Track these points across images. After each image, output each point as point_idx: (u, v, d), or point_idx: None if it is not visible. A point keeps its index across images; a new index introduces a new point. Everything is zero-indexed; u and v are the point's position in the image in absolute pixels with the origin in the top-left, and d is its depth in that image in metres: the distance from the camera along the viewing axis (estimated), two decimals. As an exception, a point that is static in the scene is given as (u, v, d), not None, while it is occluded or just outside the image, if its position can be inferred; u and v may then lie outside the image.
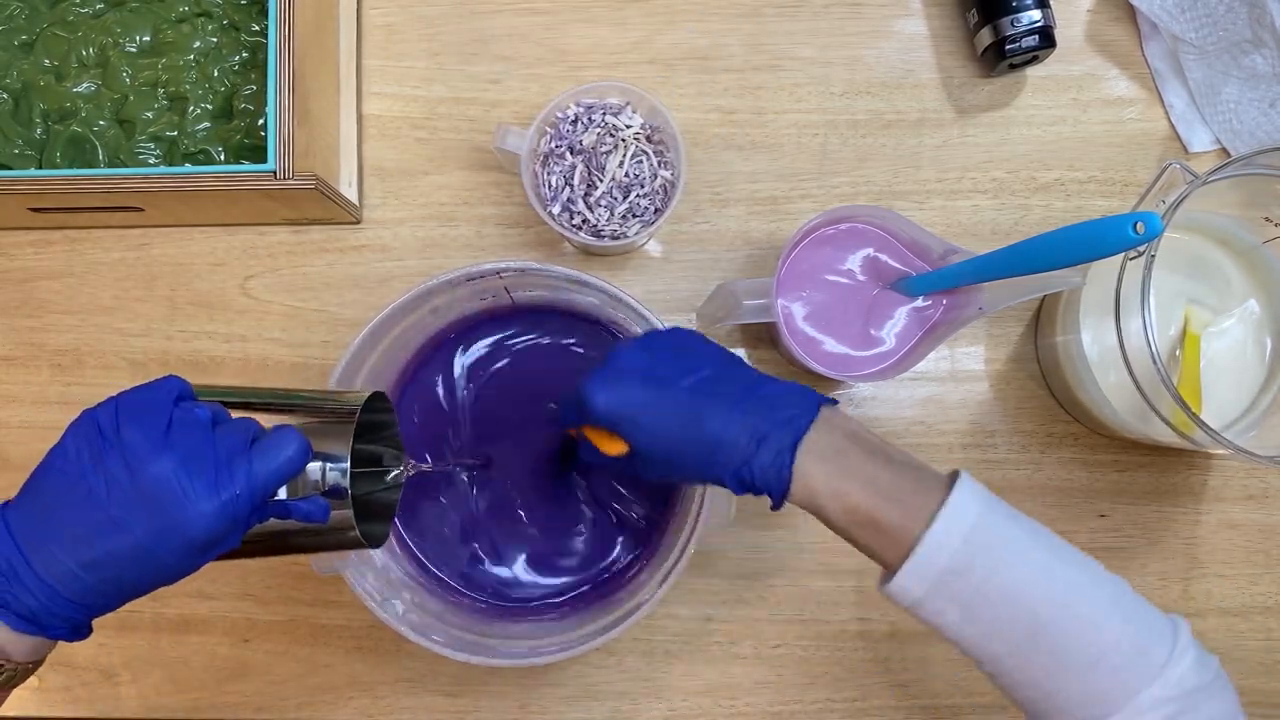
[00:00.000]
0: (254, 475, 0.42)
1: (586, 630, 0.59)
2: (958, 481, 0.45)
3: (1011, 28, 0.69)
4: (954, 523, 0.44)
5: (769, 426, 0.47)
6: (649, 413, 0.49)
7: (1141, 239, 0.49)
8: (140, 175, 0.64)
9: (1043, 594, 0.43)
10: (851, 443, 0.47)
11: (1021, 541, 0.45)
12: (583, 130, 0.66)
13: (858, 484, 0.46)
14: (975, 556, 0.44)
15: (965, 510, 0.44)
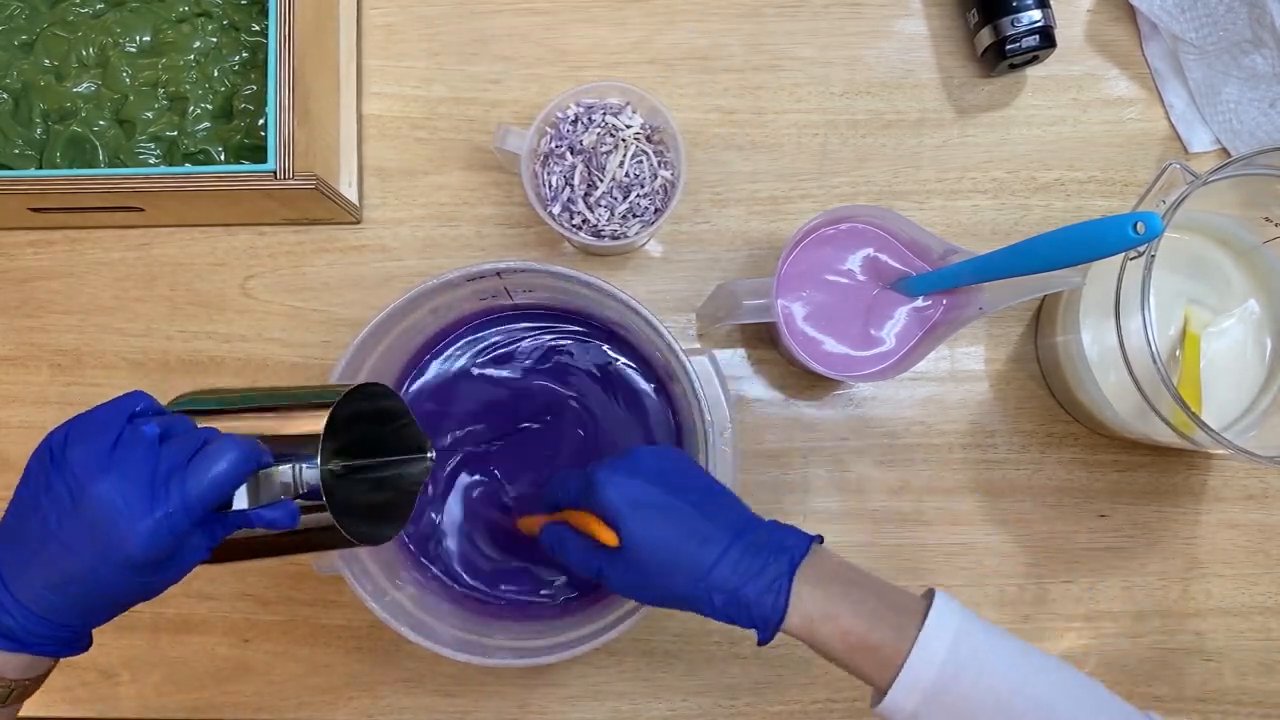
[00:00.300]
0: (186, 491, 0.41)
1: (586, 630, 0.59)
2: (935, 599, 0.48)
3: (1011, 28, 0.69)
4: (937, 637, 0.46)
5: (770, 552, 0.49)
6: (659, 516, 0.49)
7: (1141, 239, 0.49)
8: (140, 175, 0.64)
9: (1027, 699, 0.46)
10: (839, 570, 0.49)
11: (999, 651, 0.47)
12: (583, 130, 0.66)
13: (849, 609, 0.48)
14: (960, 668, 0.46)
15: (943, 627, 0.47)
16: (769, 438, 0.71)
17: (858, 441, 0.71)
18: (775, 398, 0.72)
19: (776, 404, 0.71)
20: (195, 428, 0.45)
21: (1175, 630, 0.70)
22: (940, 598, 0.48)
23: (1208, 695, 0.70)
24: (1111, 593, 0.70)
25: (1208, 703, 0.70)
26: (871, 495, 0.71)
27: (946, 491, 0.71)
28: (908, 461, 0.71)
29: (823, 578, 0.49)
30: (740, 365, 0.72)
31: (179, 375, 0.72)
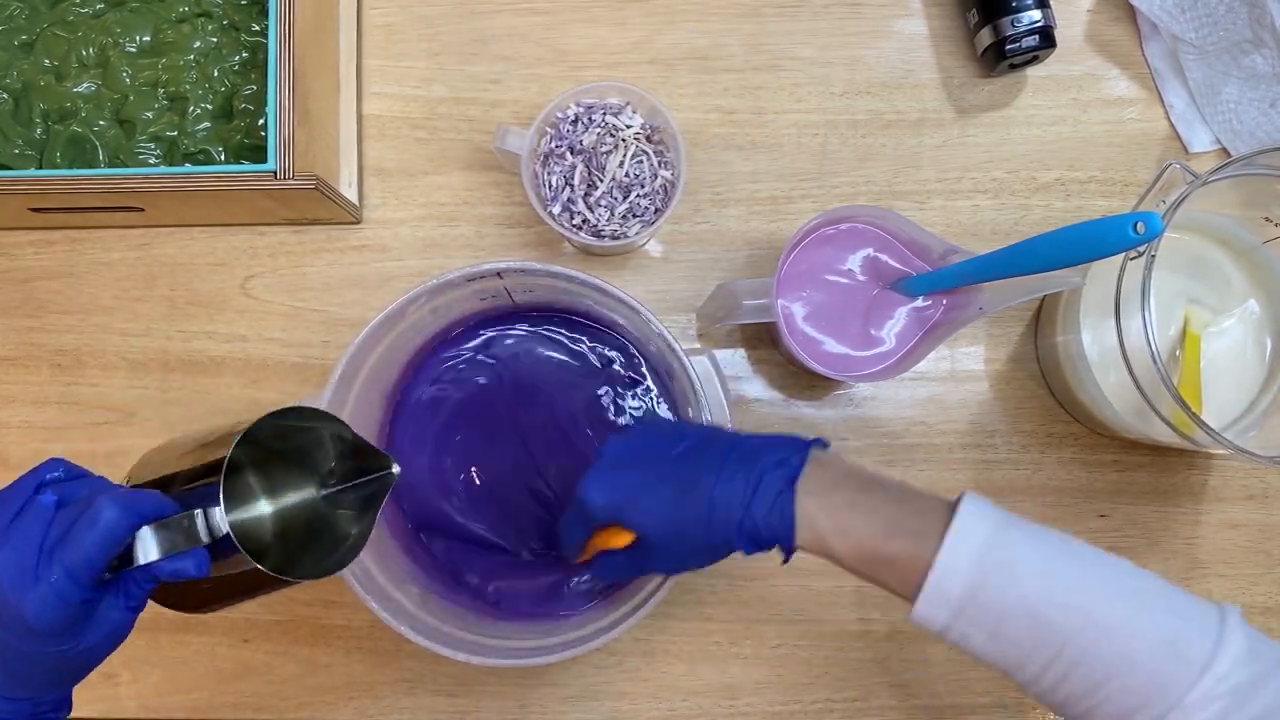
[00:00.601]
0: (65, 558, 0.41)
1: (586, 630, 0.59)
2: (961, 502, 0.45)
3: (1011, 28, 0.69)
4: (962, 546, 0.43)
5: (762, 472, 0.47)
6: (644, 491, 0.49)
7: (1141, 239, 0.49)
8: (140, 175, 0.64)
9: (1063, 606, 0.42)
10: (848, 478, 0.47)
11: (1034, 555, 0.43)
12: (583, 130, 0.66)
13: (862, 518, 0.45)
14: (989, 577, 0.43)
15: (972, 532, 0.43)
16: (769, 438, 0.71)
17: (858, 442, 0.71)
18: (775, 398, 0.72)
19: (776, 404, 0.71)
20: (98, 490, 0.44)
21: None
22: (968, 501, 0.45)
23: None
24: (1111, 593, 0.70)
25: (1208, 703, 0.70)
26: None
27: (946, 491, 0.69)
28: (908, 461, 0.71)
29: (830, 486, 0.46)
30: (740, 365, 0.72)
31: (179, 375, 0.72)
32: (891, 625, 0.70)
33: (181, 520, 0.44)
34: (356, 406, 0.61)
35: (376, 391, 0.64)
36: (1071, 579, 0.43)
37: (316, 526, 0.53)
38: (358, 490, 0.53)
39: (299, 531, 0.53)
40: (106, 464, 0.71)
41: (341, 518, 0.53)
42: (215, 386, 0.71)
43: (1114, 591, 0.43)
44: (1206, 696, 0.40)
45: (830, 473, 0.47)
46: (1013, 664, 0.43)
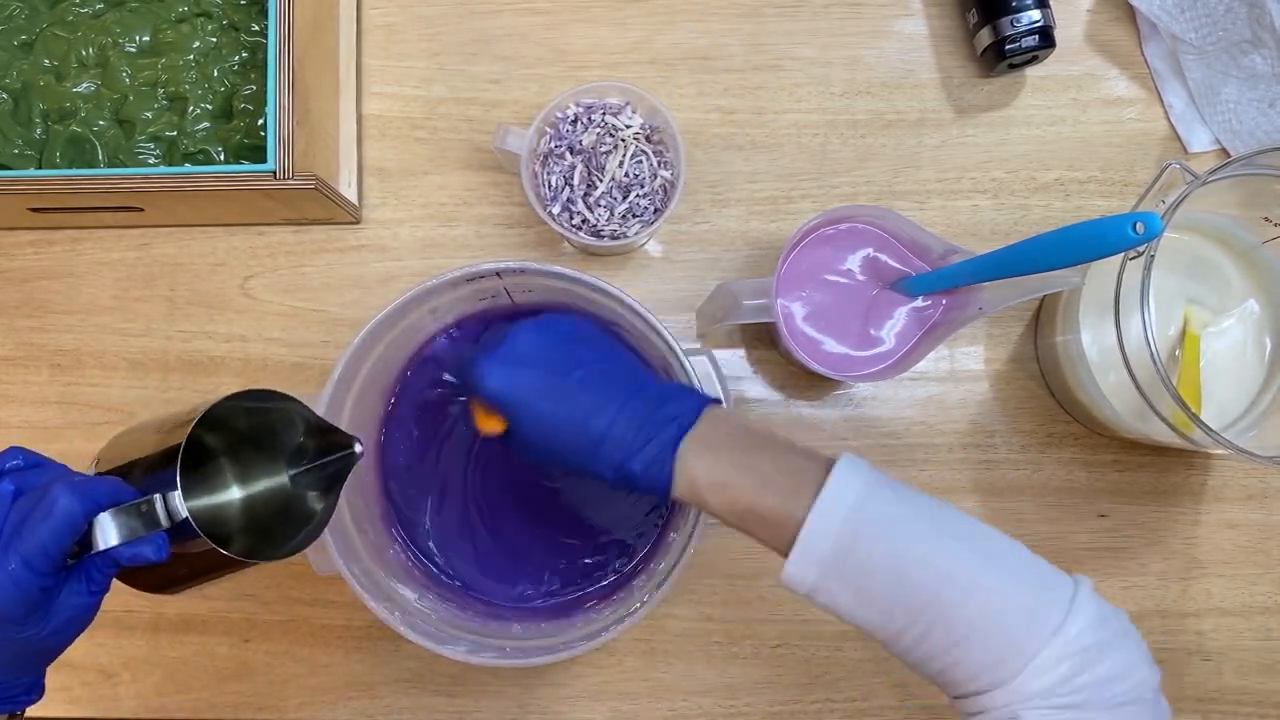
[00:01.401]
0: (21, 547, 0.42)
1: (586, 630, 0.59)
2: (836, 464, 0.46)
3: (1011, 28, 0.69)
4: (832, 505, 0.44)
5: (654, 423, 0.48)
6: (536, 401, 0.49)
7: (1141, 239, 0.49)
8: (140, 175, 0.64)
9: (928, 567, 0.44)
10: (734, 436, 0.48)
11: (905, 518, 0.45)
12: (583, 130, 0.66)
13: (739, 475, 0.46)
14: (858, 535, 0.44)
15: (843, 492, 0.44)
16: (769, 438, 0.71)
17: (858, 441, 0.71)
18: (775, 398, 0.72)
19: (776, 404, 0.71)
20: (57, 477, 0.44)
21: (1175, 630, 0.70)
22: (844, 462, 0.46)
23: (1208, 695, 0.70)
24: (1111, 593, 0.70)
25: (1208, 703, 0.70)
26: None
27: (946, 491, 0.71)
28: (908, 461, 0.71)
29: (714, 445, 0.47)
30: (740, 365, 0.72)
31: (179, 375, 0.72)
32: (891, 625, 0.70)
33: (140, 505, 0.45)
34: (356, 406, 0.61)
35: (376, 391, 0.64)
36: (938, 541, 0.44)
37: (282, 507, 0.54)
38: (322, 470, 0.53)
39: (265, 513, 0.54)
40: (106, 464, 0.71)
41: (307, 498, 0.54)
42: (215, 386, 0.71)
43: (978, 556, 0.44)
44: (1055, 657, 0.42)
45: (719, 430, 0.48)
46: (876, 623, 0.45)
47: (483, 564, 0.66)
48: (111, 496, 0.44)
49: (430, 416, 0.67)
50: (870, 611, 0.45)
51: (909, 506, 0.45)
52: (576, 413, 0.49)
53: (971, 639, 0.43)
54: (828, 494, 0.44)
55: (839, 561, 0.44)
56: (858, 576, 0.44)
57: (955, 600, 0.43)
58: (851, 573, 0.44)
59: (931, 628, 0.44)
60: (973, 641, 0.43)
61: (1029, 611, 0.43)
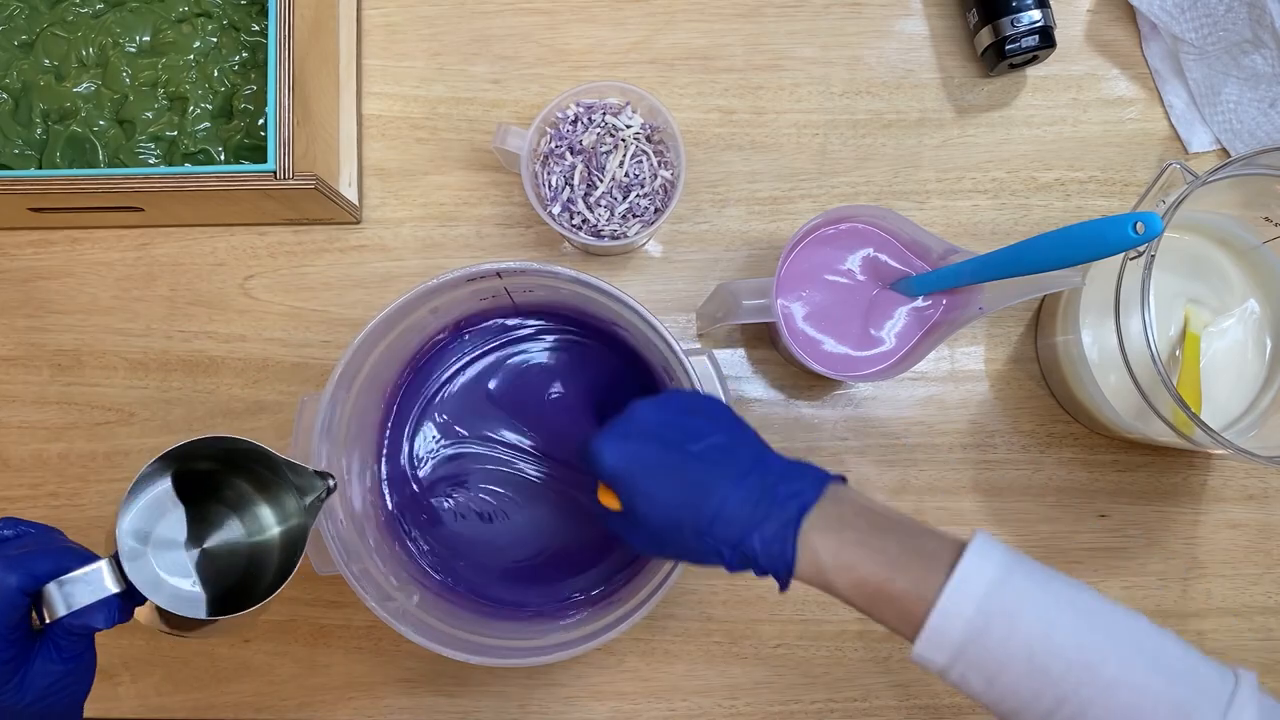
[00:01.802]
0: None
1: (586, 630, 0.59)
2: (970, 544, 0.44)
3: (1011, 28, 0.69)
4: (966, 589, 0.42)
5: (775, 499, 0.46)
6: (649, 475, 0.48)
7: (1141, 239, 0.49)
8: (140, 175, 0.64)
9: (1065, 660, 0.41)
10: (860, 515, 0.46)
11: (1041, 604, 0.42)
12: (583, 130, 0.66)
13: (867, 555, 0.45)
14: (991, 623, 0.42)
15: (978, 575, 0.43)
16: (769, 438, 0.70)
17: (858, 441, 0.71)
18: (775, 398, 0.72)
19: (776, 404, 0.71)
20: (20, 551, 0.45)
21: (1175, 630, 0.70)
22: (978, 541, 0.44)
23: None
24: (1111, 593, 0.70)
25: (1208, 703, 0.70)
26: (872, 495, 0.70)
27: (946, 491, 0.71)
28: (908, 461, 0.71)
29: (839, 523, 0.45)
30: (740, 365, 0.72)
31: (179, 375, 0.72)
32: (891, 625, 0.70)
33: (85, 574, 0.45)
34: (356, 406, 0.61)
35: (376, 391, 0.64)
36: (1077, 632, 0.42)
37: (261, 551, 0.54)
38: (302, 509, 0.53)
39: (241, 561, 0.54)
40: (106, 464, 0.72)
41: (283, 539, 0.54)
42: (215, 386, 0.71)
43: (1122, 648, 0.42)
44: None
45: (843, 508, 0.46)
46: (1010, 710, 0.43)
47: (483, 564, 0.66)
48: (53, 567, 0.45)
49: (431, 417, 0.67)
50: (1005, 699, 0.42)
51: (1046, 591, 0.43)
52: (692, 488, 0.47)
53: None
54: (959, 576, 0.42)
55: (971, 647, 0.42)
56: (991, 663, 0.42)
57: (1093, 697, 0.41)
58: (984, 659, 0.42)
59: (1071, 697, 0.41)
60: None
61: (1178, 713, 0.40)
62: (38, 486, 0.71)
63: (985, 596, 0.42)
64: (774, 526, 0.46)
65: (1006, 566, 0.43)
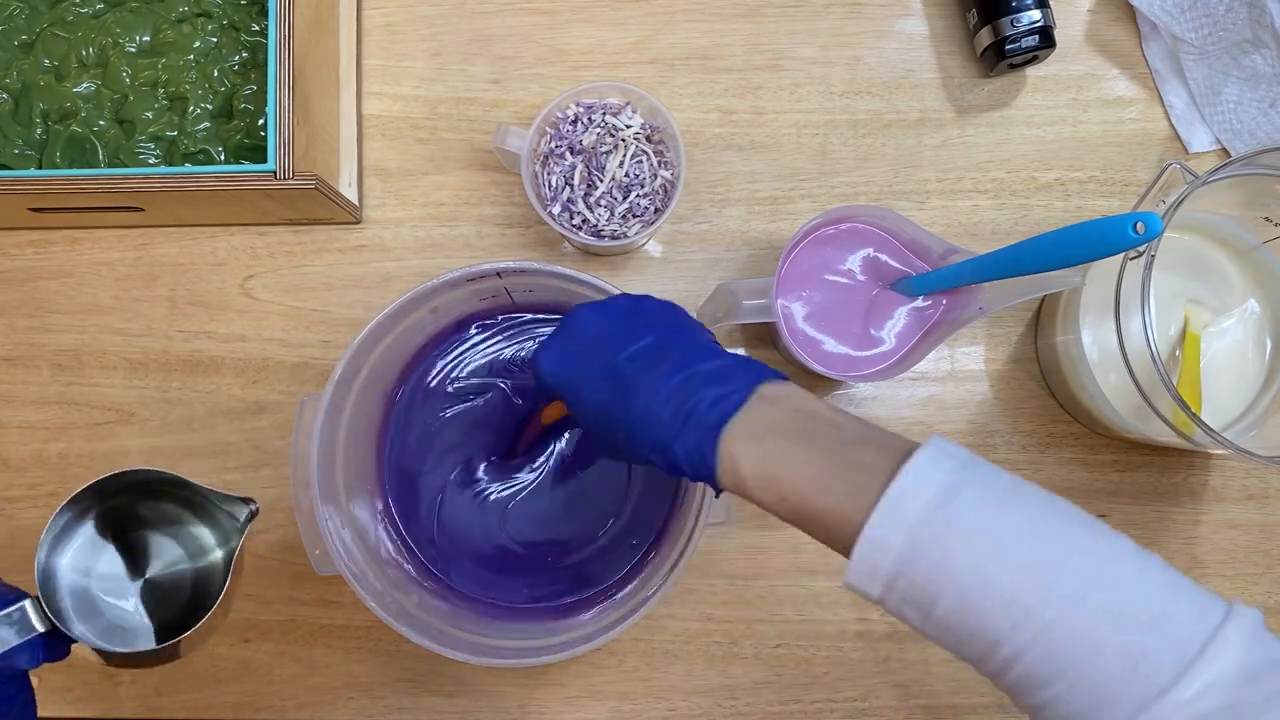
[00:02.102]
0: None
1: (586, 630, 0.59)
2: (913, 457, 0.38)
3: (1011, 28, 0.69)
4: (898, 513, 0.37)
5: (698, 405, 0.42)
6: (583, 381, 0.46)
7: (1141, 239, 0.49)
8: (140, 175, 0.64)
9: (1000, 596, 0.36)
10: (793, 420, 0.41)
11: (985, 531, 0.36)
12: (583, 130, 0.66)
13: (791, 467, 0.40)
14: (921, 554, 0.36)
15: (914, 497, 0.37)
16: (769, 438, 0.71)
17: (858, 441, 0.71)
18: (775, 398, 0.71)
19: (776, 404, 0.71)
20: None
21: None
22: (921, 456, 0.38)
23: None
24: (1111, 593, 0.70)
25: (1208, 703, 0.70)
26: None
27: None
28: (908, 461, 0.71)
29: (766, 429, 0.41)
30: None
31: (179, 375, 0.72)
32: (891, 625, 0.70)
33: (10, 614, 0.47)
34: (356, 406, 0.61)
35: (376, 391, 0.64)
36: (1019, 566, 0.36)
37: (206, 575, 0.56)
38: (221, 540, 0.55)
39: (187, 586, 0.55)
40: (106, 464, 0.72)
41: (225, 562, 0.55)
42: (215, 386, 0.72)
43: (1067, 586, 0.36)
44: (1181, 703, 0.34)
45: (774, 411, 0.42)
46: (950, 648, 0.38)
47: (483, 564, 0.66)
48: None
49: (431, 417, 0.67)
50: (943, 638, 0.38)
51: (994, 518, 0.37)
52: (620, 394, 0.44)
53: (1057, 684, 0.35)
54: (891, 496, 0.37)
55: (901, 581, 0.37)
56: (922, 600, 0.37)
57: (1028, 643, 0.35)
58: (915, 595, 0.37)
59: (1009, 666, 0.36)
60: (1060, 688, 0.35)
61: (1124, 659, 0.34)
62: (37, 486, 0.71)
63: (918, 523, 0.36)
64: (693, 435, 0.42)
65: (949, 488, 0.37)
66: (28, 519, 0.71)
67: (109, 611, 0.53)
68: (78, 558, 0.52)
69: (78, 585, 0.52)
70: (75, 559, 0.52)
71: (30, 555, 0.71)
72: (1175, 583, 0.36)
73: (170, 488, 0.54)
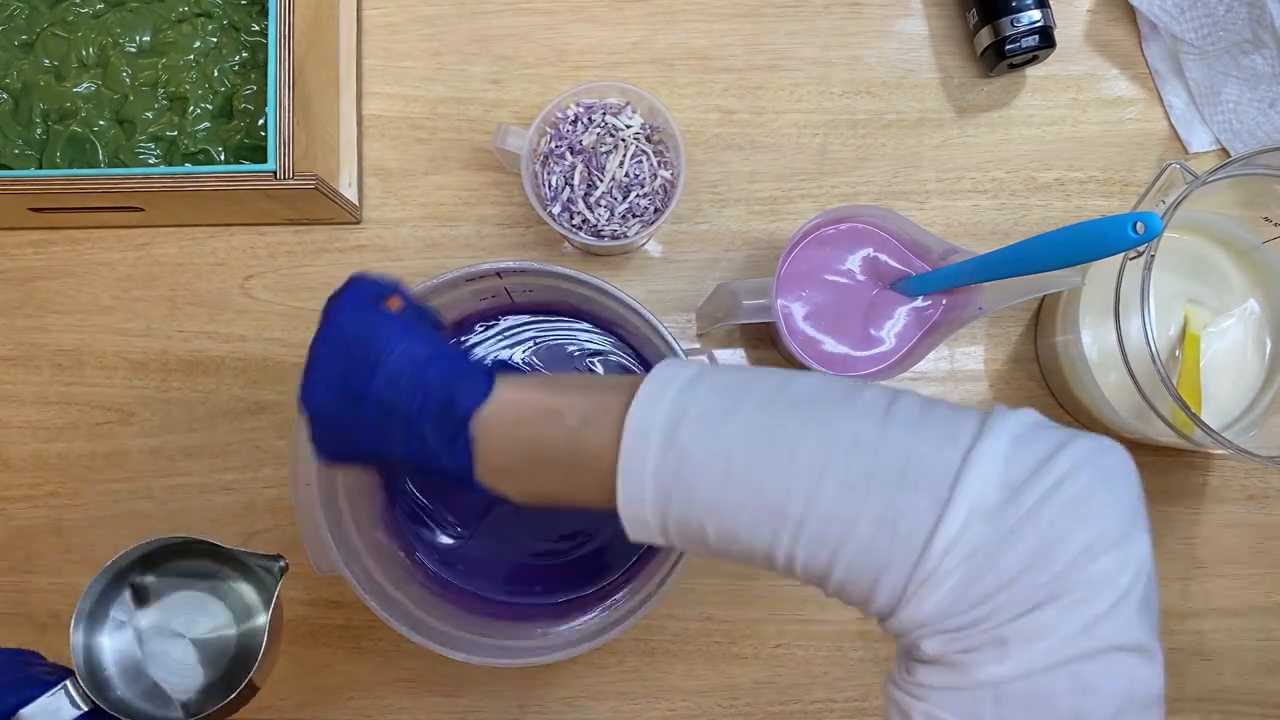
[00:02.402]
0: None
1: (587, 630, 0.59)
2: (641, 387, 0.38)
3: (1011, 28, 0.69)
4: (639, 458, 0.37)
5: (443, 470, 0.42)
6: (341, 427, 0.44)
7: (1141, 239, 0.49)
8: (140, 175, 0.64)
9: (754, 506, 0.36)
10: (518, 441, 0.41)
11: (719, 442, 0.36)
12: (583, 130, 0.66)
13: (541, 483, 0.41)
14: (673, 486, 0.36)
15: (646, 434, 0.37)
16: (769, 438, 0.71)
17: (858, 441, 0.71)
18: (775, 398, 0.71)
19: (776, 404, 0.71)
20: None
21: (1175, 630, 0.70)
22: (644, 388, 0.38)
23: (1208, 695, 0.70)
24: (1111, 593, 0.70)
25: (1208, 703, 0.70)
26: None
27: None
28: (908, 461, 0.71)
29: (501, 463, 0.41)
30: (740, 365, 0.72)
31: (179, 375, 0.72)
32: (891, 625, 0.70)
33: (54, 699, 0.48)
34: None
35: (376, 391, 0.64)
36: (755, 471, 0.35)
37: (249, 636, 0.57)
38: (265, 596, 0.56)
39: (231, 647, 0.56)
40: (106, 464, 0.72)
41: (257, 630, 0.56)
42: (215, 386, 0.72)
43: (802, 472, 0.35)
44: (937, 574, 0.33)
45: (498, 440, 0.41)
46: (743, 564, 0.38)
47: (483, 564, 0.66)
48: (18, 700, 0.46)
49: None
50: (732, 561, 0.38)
51: (720, 427, 0.36)
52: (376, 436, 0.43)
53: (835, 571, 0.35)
54: (626, 447, 0.37)
55: (669, 522, 0.37)
56: (693, 534, 0.37)
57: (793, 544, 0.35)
58: (685, 531, 0.37)
59: (790, 569, 0.36)
60: (839, 574, 0.35)
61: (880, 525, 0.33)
62: (38, 486, 0.71)
63: (657, 468, 0.36)
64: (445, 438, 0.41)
65: (672, 417, 0.37)
66: (28, 519, 0.71)
67: (153, 673, 0.55)
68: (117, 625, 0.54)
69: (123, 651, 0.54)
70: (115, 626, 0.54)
71: (30, 556, 0.71)
72: (921, 419, 0.35)
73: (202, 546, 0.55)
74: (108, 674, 0.52)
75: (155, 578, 0.55)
